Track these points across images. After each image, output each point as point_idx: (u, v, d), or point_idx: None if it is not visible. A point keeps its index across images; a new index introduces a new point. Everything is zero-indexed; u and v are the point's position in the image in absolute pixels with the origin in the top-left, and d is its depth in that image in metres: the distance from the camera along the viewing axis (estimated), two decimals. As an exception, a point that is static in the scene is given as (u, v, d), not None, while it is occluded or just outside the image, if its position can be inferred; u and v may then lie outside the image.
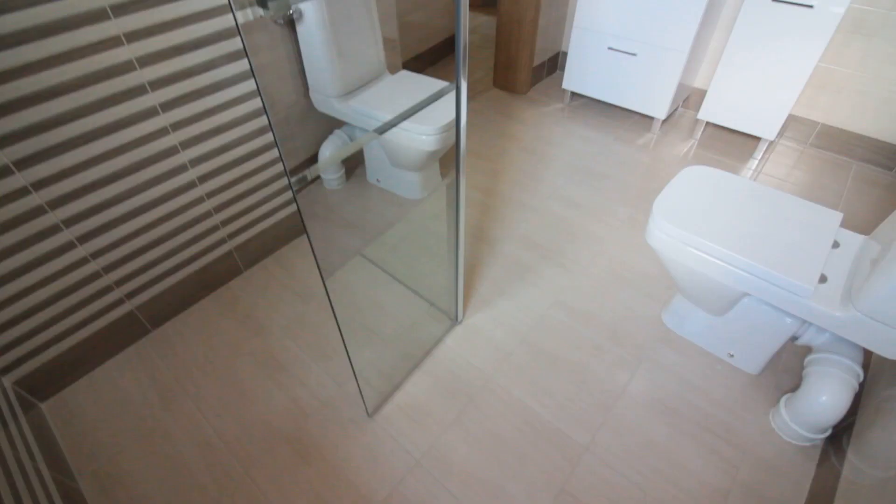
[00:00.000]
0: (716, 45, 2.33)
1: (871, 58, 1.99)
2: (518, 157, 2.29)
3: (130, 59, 1.19)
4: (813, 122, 2.26)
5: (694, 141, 2.35)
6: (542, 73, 2.88)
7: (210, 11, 1.29)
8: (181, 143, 1.38)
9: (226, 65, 1.39)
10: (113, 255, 1.37)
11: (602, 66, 2.36)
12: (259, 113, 1.53)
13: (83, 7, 1.07)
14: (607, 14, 2.20)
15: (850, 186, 2.08)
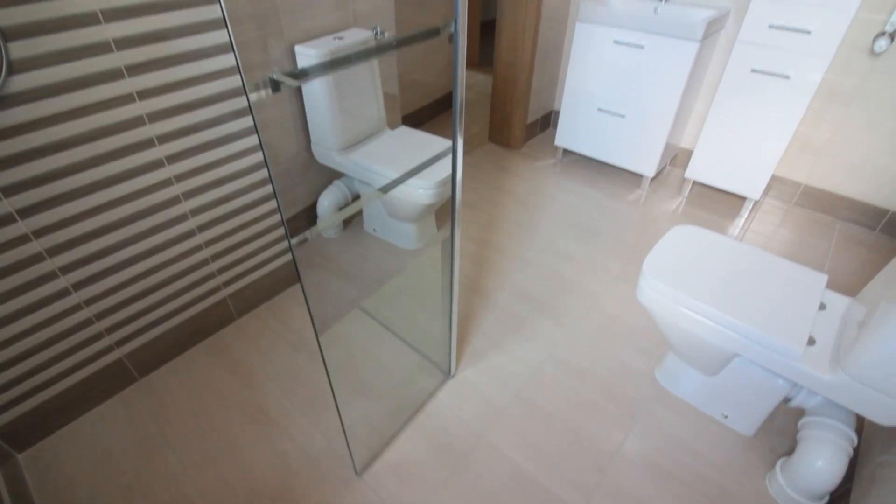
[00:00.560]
0: (700, 108, 2.45)
1: (847, 124, 2.10)
2: (512, 209, 2.34)
3: (141, 114, 1.24)
4: (796, 183, 2.35)
5: (682, 198, 2.42)
6: (536, 129, 3.00)
7: (220, 72, 1.36)
8: (184, 194, 1.42)
9: (231, 121, 1.45)
10: (106, 301, 1.37)
11: (592, 125, 2.47)
12: (261, 165, 1.58)
13: (101, 67, 1.13)
14: (596, 79, 2.33)
15: (835, 245, 2.14)
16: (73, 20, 1.06)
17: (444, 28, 0.77)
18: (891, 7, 1.82)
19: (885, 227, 2.20)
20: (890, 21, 1.82)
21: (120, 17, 1.12)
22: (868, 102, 2.01)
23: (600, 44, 2.23)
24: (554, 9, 2.55)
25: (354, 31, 1.86)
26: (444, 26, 0.77)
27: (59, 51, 1.06)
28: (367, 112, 1.97)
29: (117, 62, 1.15)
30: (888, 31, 1.83)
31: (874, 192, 2.16)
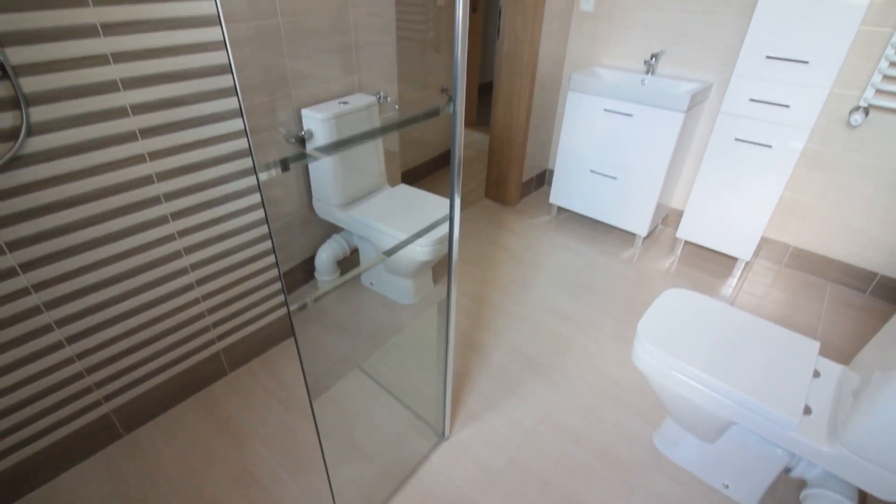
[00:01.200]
0: (689, 171, 2.55)
1: (829, 190, 2.18)
2: (508, 265, 2.37)
3: (150, 174, 1.29)
4: (785, 245, 2.41)
5: (675, 257, 2.47)
6: (531, 187, 3.09)
7: (229, 135, 1.42)
8: (185, 249, 1.44)
9: (237, 180, 1.50)
10: (99, 355, 1.36)
11: (585, 185, 2.55)
12: (262, 221, 1.62)
13: (116, 130, 1.19)
14: (588, 142, 2.44)
15: (826, 307, 2.16)
16: (95, 87, 1.12)
17: (444, 108, 0.83)
18: (863, 84, 1.95)
19: (874, 290, 2.23)
20: (863, 97, 1.94)
21: (139, 86, 1.19)
22: (848, 170, 2.10)
23: (591, 111, 2.35)
24: (547, 77, 2.70)
25: (359, 96, 1.96)
26: (443, 105, 0.82)
27: (78, 115, 1.12)
28: (369, 170, 2.04)
29: (132, 126, 1.21)
30: (862, 105, 1.95)
31: (861, 255, 2.21)
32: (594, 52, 2.63)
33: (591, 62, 2.67)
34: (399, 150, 2.54)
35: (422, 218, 1.90)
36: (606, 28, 2.54)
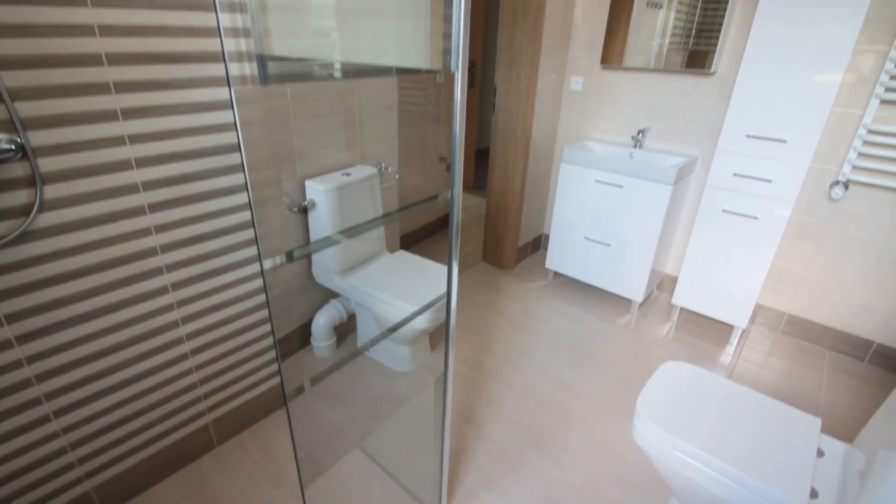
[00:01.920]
0: (681, 238, 2.61)
1: (818, 258, 2.23)
2: (505, 331, 2.37)
3: (155, 245, 1.32)
4: (780, 312, 2.42)
5: (671, 323, 2.47)
6: (527, 251, 3.14)
7: (236, 208, 1.47)
8: (182, 318, 1.45)
9: (241, 249, 1.53)
10: (85, 429, 1.32)
11: (580, 252, 2.60)
12: (261, 290, 1.63)
13: (127, 205, 1.23)
14: (581, 211, 2.51)
15: (826, 376, 2.14)
16: (109, 166, 1.18)
17: (442, 194, 0.87)
18: (840, 160, 2.05)
19: (872, 358, 2.22)
20: (841, 172, 2.04)
21: (151, 164, 1.25)
22: (834, 240, 2.16)
23: (583, 182, 2.45)
24: (540, 149, 2.83)
25: (361, 168, 2.05)
26: (440, 193, 0.87)
27: (91, 192, 1.16)
28: (368, 237, 2.08)
29: (141, 201, 1.25)
30: (841, 180, 2.04)
31: (855, 322, 2.22)
32: (584, 126, 2.78)
33: (581, 136, 2.81)
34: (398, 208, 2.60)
35: (420, 285, 1.92)
36: (595, 106, 2.70)
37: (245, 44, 1.32)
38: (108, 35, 1.09)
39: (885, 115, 1.91)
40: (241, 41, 1.32)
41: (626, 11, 2.42)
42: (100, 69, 1.10)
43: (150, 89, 1.19)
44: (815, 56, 1.77)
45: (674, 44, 2.30)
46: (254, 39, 1.31)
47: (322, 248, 1.89)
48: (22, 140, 1.04)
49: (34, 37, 1.00)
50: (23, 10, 0.97)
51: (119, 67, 1.13)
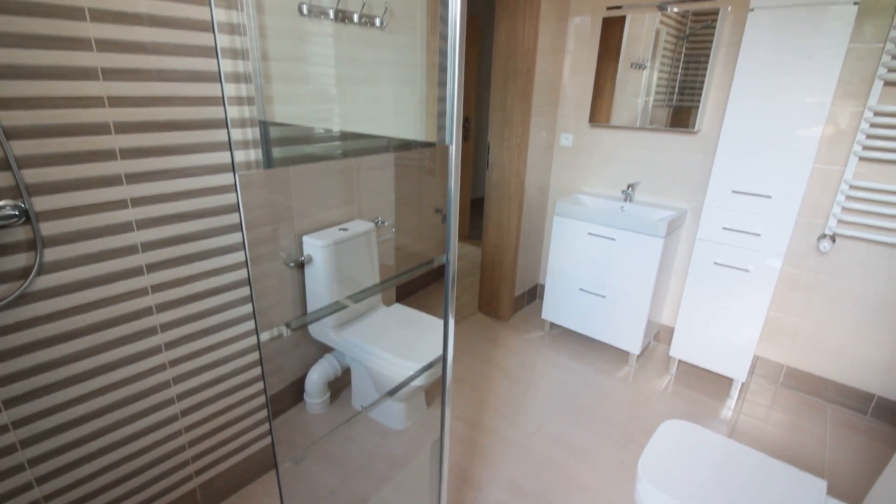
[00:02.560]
0: (675, 289, 2.63)
1: (812, 310, 2.24)
2: (502, 385, 2.33)
3: (151, 305, 1.32)
4: (779, 364, 2.41)
5: (670, 376, 2.45)
6: (523, 301, 3.14)
7: (232, 266, 1.48)
8: (174, 378, 1.42)
9: (237, 307, 1.53)
10: (67, 496, 1.27)
11: (576, 303, 2.61)
12: (255, 348, 1.62)
13: (125, 266, 1.24)
14: (575, 263, 2.54)
15: (830, 432, 2.10)
16: (110, 228, 1.20)
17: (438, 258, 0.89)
18: (826, 214, 2.11)
19: (875, 412, 2.19)
20: (828, 225, 2.09)
21: (152, 225, 1.27)
22: (826, 293, 2.18)
23: (576, 235, 2.49)
24: (534, 202, 2.90)
25: (358, 223, 2.08)
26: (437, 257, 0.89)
27: (90, 254, 1.18)
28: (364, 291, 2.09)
29: (140, 261, 1.27)
30: (828, 233, 2.09)
31: (854, 375, 2.20)
32: (576, 180, 2.86)
33: (573, 189, 2.89)
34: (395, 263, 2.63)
35: (417, 340, 1.91)
36: (585, 161, 2.79)
37: (248, 111, 1.38)
38: (117, 105, 1.15)
39: (864, 172, 1.98)
40: (245, 108, 1.38)
41: (611, 72, 2.55)
42: (107, 137, 1.15)
43: (155, 155, 1.24)
44: (793, 117, 1.86)
45: (658, 101, 2.42)
46: (257, 107, 1.37)
47: (322, 317, 1.90)
48: (26, 205, 1.07)
49: (46, 108, 1.05)
50: (38, 84, 1.02)
51: (126, 135, 1.17)
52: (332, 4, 1.46)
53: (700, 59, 2.24)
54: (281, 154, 1.41)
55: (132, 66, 1.15)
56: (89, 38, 1.07)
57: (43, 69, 1.02)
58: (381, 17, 1.58)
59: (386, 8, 1.59)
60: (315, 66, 1.54)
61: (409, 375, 1.77)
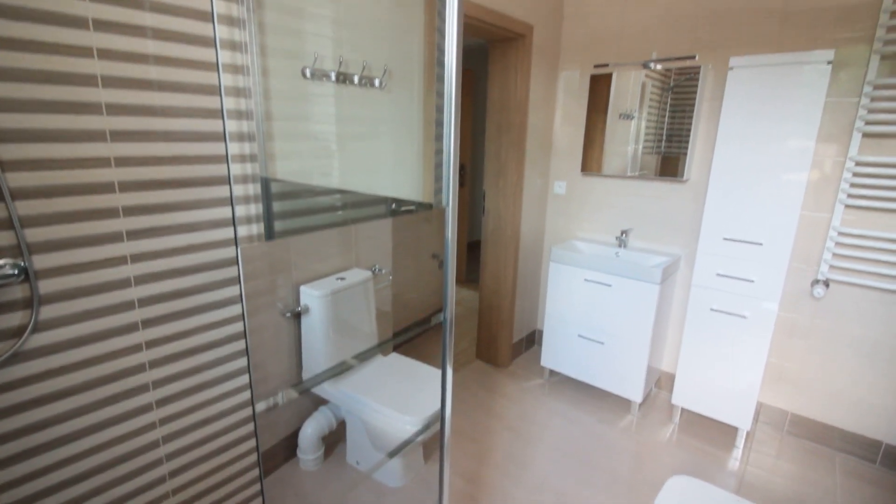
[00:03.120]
0: (674, 335, 2.61)
1: (812, 355, 2.23)
2: (502, 437, 2.27)
3: (144, 361, 1.30)
4: (783, 411, 2.36)
5: (674, 425, 2.39)
6: (522, 347, 3.11)
7: (228, 320, 1.48)
8: (164, 437, 1.38)
9: (230, 361, 1.51)
10: (44, 570, 1.20)
11: (575, 349, 2.58)
12: (247, 403, 1.58)
13: (121, 322, 1.23)
14: (573, 309, 2.54)
15: (840, 482, 2.04)
16: (109, 285, 1.20)
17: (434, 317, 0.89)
18: (817, 259, 2.14)
19: (884, 460, 2.14)
20: (820, 271, 2.12)
21: (150, 280, 1.27)
22: (824, 338, 2.18)
23: (573, 281, 2.50)
24: (530, 248, 2.93)
25: (355, 272, 2.09)
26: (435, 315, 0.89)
27: (86, 311, 1.17)
28: (360, 341, 2.07)
29: (136, 317, 1.26)
30: (821, 279, 2.11)
31: (859, 422, 2.17)
32: (570, 227, 2.91)
33: (568, 235, 2.93)
34: (392, 309, 2.61)
35: (414, 391, 1.87)
36: (578, 208, 2.85)
37: (251, 168, 1.42)
38: (123, 165, 1.18)
39: (851, 219, 2.03)
40: (248, 165, 1.42)
41: (600, 123, 2.65)
42: (111, 196, 1.17)
43: (158, 212, 1.26)
44: (778, 166, 1.92)
45: (647, 148, 2.49)
46: (259, 164, 1.41)
47: (320, 382, 1.88)
48: (26, 264, 1.07)
49: (54, 169, 1.07)
50: (47, 146, 1.05)
51: (130, 193, 1.20)
52: (334, 67, 1.53)
53: (685, 108, 2.33)
54: (282, 227, 1.45)
55: (140, 128, 1.19)
56: (100, 102, 1.12)
57: (53, 132, 1.06)
58: (380, 78, 1.66)
59: (385, 70, 1.67)
60: (316, 125, 1.60)
61: (406, 430, 1.72)
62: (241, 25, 1.32)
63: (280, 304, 1.86)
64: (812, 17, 2.00)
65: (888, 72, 1.87)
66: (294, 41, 1.47)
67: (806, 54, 1.83)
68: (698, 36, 2.29)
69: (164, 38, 1.19)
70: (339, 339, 1.94)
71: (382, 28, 1.73)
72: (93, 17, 1.08)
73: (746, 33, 2.16)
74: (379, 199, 2.03)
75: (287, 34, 1.45)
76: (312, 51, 1.50)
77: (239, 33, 1.32)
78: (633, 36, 2.48)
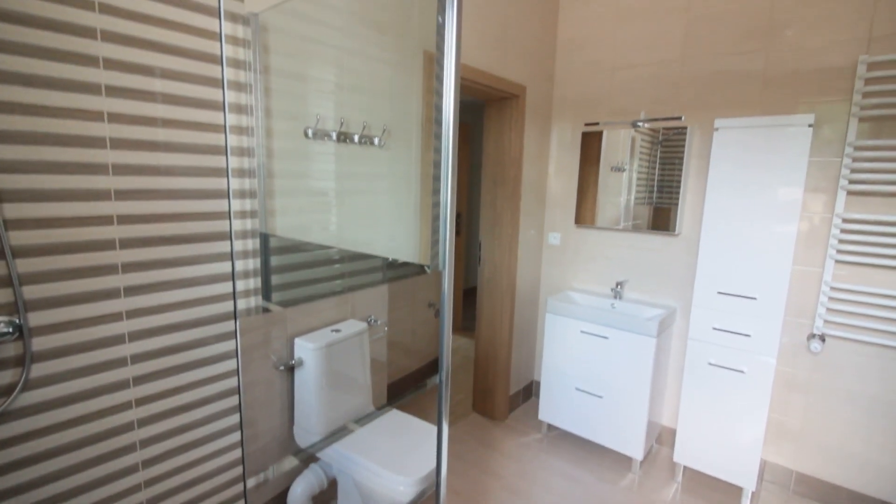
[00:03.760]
0: (673, 388, 2.58)
1: (812, 411, 2.19)
2: (500, 497, 2.18)
3: (133, 420, 1.27)
4: (787, 469, 2.30)
5: (677, 485, 2.31)
6: (519, 399, 3.05)
7: (219, 375, 1.46)
8: (149, 500, 1.33)
9: (220, 419, 1.48)
10: None
11: (573, 403, 2.53)
12: (237, 462, 1.54)
13: (111, 380, 1.22)
14: (570, 361, 2.51)
15: (852, 549, 1.95)
16: (102, 341, 1.19)
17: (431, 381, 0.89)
18: (812, 314, 2.15)
19: (896, 524, 2.06)
20: (815, 325, 2.12)
21: (145, 336, 1.27)
22: (823, 394, 2.15)
23: (569, 332, 2.49)
24: (526, 298, 2.94)
25: (351, 323, 2.08)
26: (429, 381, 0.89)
27: (77, 368, 1.16)
28: (354, 396, 2.03)
29: (127, 374, 1.25)
30: (817, 333, 2.11)
31: (865, 481, 2.10)
32: (566, 277, 2.93)
33: (563, 286, 2.94)
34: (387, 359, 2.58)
35: (409, 449, 1.82)
36: (573, 258, 2.88)
37: (251, 223, 1.44)
38: (125, 223, 1.20)
39: (842, 274, 2.06)
40: (248, 221, 1.44)
41: (593, 175, 2.72)
42: (112, 252, 1.18)
43: (157, 267, 1.27)
44: (767, 220, 1.97)
45: (639, 199, 2.55)
46: (259, 220, 1.44)
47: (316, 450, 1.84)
48: (21, 321, 1.07)
49: (56, 227, 1.09)
50: (52, 206, 1.08)
51: (130, 250, 1.21)
52: (335, 128, 1.60)
53: (675, 161, 2.41)
54: (281, 297, 1.48)
55: (144, 186, 1.22)
56: (107, 163, 1.15)
57: (60, 192, 1.09)
58: (379, 137, 1.72)
59: (384, 129, 1.73)
60: (316, 181, 1.64)
61: (400, 492, 1.66)
62: (248, 90, 1.38)
63: (274, 357, 1.83)
64: (791, 80, 2.10)
65: (867, 133, 1.96)
66: (297, 104, 1.53)
67: (788, 118, 1.92)
68: (683, 97, 2.40)
69: (173, 102, 1.25)
70: (333, 394, 1.91)
71: (382, 90, 1.82)
72: (105, 84, 1.13)
73: (730, 95, 2.26)
74: (376, 265, 2.06)
75: (291, 97, 1.51)
76: (315, 112, 1.56)
77: (245, 97, 1.38)
78: (622, 95, 2.60)
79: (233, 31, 1.33)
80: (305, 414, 1.88)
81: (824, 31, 2.01)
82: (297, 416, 1.92)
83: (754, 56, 2.18)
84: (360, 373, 2.05)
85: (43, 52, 1.03)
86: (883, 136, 1.92)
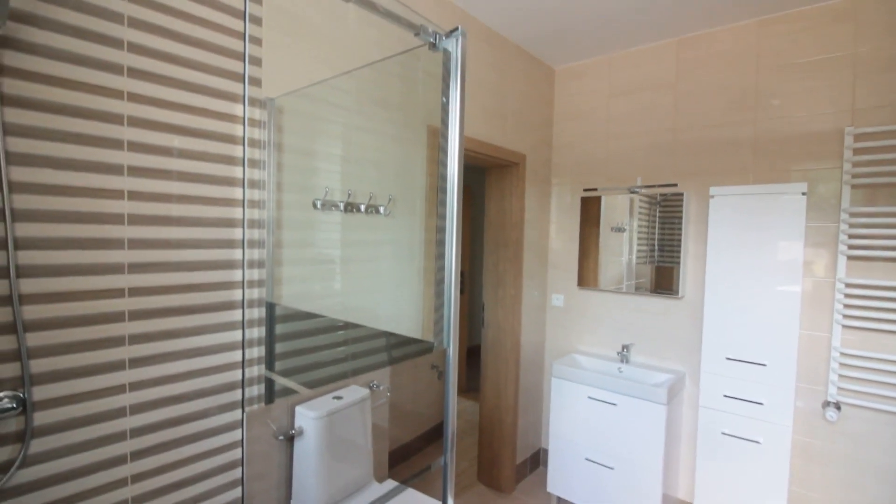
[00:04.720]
0: (686, 459, 2.47)
1: (834, 485, 2.09)
2: (507, 580, 2.05)
3: (127, 497, 1.24)
4: (814, 549, 2.15)
5: (696, 566, 2.17)
6: (526, 469, 2.93)
7: (219, 448, 1.43)
8: (136, 588, 1.26)
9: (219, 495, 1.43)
10: None
11: (583, 474, 2.43)
12: (233, 539, 1.47)
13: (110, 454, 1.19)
14: (578, 429, 2.44)
15: None
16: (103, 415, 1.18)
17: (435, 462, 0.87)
18: (824, 380, 2.09)
19: None
20: (829, 393, 2.06)
21: (146, 409, 1.26)
22: (844, 465, 2.06)
23: (576, 398, 2.44)
24: (531, 361, 2.90)
25: (353, 389, 2.05)
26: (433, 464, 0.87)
27: (77, 443, 1.14)
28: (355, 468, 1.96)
29: (125, 449, 1.23)
30: (831, 401, 2.05)
31: (902, 566, 1.96)
32: (571, 339, 2.90)
33: (568, 348, 2.91)
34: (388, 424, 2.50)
35: (409, 527, 1.74)
36: (577, 321, 2.86)
37: (258, 293, 1.47)
38: (136, 295, 1.23)
39: (851, 339, 2.03)
40: (255, 290, 1.47)
41: (594, 236, 2.77)
42: (121, 324, 1.20)
43: (163, 339, 1.28)
44: (770, 283, 1.98)
45: (641, 258, 2.57)
46: (266, 289, 1.47)
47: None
48: (25, 395, 1.07)
49: (69, 301, 1.12)
50: (68, 280, 1.11)
51: (138, 322, 1.23)
52: (343, 199, 1.66)
53: (674, 221, 2.45)
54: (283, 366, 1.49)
55: (157, 259, 1.26)
56: (123, 238, 1.20)
57: (76, 267, 1.12)
58: (385, 206, 1.78)
59: (390, 198, 1.80)
60: (322, 250, 1.69)
61: (400, 575, 1.57)
62: (261, 166, 1.45)
63: (274, 426, 1.80)
64: (782, 147, 2.18)
65: (861, 200, 2.00)
66: (307, 177, 1.61)
67: (781, 186, 1.98)
68: (678, 165, 2.49)
69: (188, 179, 1.32)
70: (334, 466, 1.84)
71: (388, 162, 1.90)
72: (127, 164, 1.20)
73: (722, 163, 2.35)
74: (380, 345, 2.08)
75: (302, 172, 1.59)
76: (324, 185, 1.63)
77: (258, 173, 1.45)
78: (618, 162, 2.70)
79: (250, 113, 1.42)
80: (304, 487, 1.81)
81: (808, 104, 2.12)
82: (296, 489, 1.85)
83: (743, 126, 2.28)
84: (361, 442, 1.99)
85: (73, 137, 1.11)
86: (878, 202, 1.96)
